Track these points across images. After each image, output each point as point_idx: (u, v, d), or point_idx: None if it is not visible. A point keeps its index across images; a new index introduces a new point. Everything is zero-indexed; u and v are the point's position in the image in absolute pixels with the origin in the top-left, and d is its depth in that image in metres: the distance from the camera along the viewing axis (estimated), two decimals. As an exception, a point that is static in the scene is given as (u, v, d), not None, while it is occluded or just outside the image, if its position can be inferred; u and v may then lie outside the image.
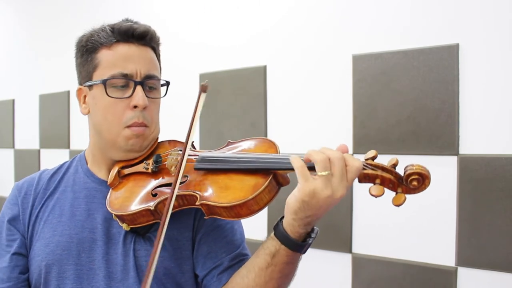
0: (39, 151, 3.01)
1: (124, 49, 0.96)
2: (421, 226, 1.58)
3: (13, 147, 3.22)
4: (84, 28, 1.03)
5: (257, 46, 2.00)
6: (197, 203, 0.86)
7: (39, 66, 3.05)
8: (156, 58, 1.02)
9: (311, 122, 1.85)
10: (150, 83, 0.98)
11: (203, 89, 0.88)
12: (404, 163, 0.82)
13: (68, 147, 2.82)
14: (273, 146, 0.91)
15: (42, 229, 0.98)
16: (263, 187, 0.82)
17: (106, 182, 1.01)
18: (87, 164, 1.06)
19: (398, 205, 0.77)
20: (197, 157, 0.94)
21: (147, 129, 0.98)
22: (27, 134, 3.09)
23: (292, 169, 0.80)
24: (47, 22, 3.00)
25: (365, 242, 1.71)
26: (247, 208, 0.83)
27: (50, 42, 2.96)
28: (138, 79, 0.95)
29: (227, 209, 0.83)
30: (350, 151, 1.73)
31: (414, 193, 0.79)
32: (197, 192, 0.87)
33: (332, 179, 0.76)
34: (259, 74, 1.98)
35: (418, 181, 0.77)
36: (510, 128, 1.44)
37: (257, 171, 0.85)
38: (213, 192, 0.86)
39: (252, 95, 2.00)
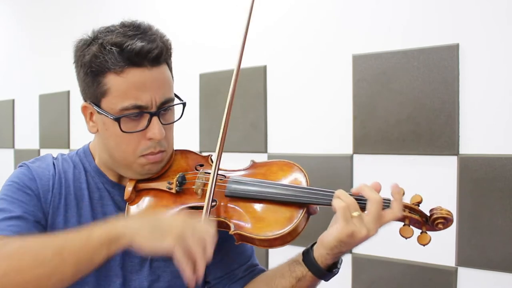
0: (39, 151, 3.01)
1: (137, 76, 0.86)
2: (421, 226, 1.58)
3: (13, 147, 3.22)
4: (84, 28, 0.96)
5: (257, 46, 2.00)
6: (230, 232, 0.87)
7: (39, 66, 3.05)
8: (169, 74, 0.94)
9: (311, 122, 1.85)
10: (165, 107, 0.91)
11: None
12: (405, 163, 0.84)
13: (68, 147, 2.82)
14: (301, 174, 0.93)
15: (63, 226, 0.92)
16: (297, 220, 0.85)
17: (118, 184, 0.98)
18: (94, 161, 0.99)
19: (424, 245, 0.84)
20: (227, 181, 0.92)
21: (163, 154, 0.94)
22: (27, 134, 3.09)
23: (325, 205, 0.84)
24: (47, 22, 3.00)
25: (365, 242, 1.71)
26: (282, 240, 0.85)
27: (50, 42, 2.96)
28: (154, 109, 0.88)
29: (262, 241, 0.86)
30: (350, 151, 1.73)
31: (436, 231, 0.85)
32: (231, 221, 0.88)
33: (366, 218, 0.81)
34: (259, 74, 1.98)
35: (443, 224, 0.83)
36: (510, 128, 1.44)
37: (291, 203, 0.87)
38: (247, 223, 0.87)
39: (252, 95, 2.00)
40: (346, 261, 1.74)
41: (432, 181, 1.55)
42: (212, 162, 0.99)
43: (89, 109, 0.94)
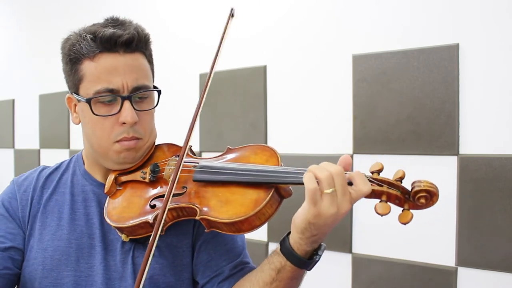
0: (39, 151, 3.01)
1: (108, 61, 0.89)
2: (421, 226, 1.58)
3: (13, 147, 3.22)
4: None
5: (257, 46, 2.00)
6: (197, 217, 0.84)
7: (39, 66, 3.05)
8: (145, 63, 0.95)
9: (311, 122, 1.85)
10: (139, 95, 0.92)
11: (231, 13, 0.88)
12: (405, 163, 0.81)
13: (68, 147, 2.82)
14: (274, 155, 0.89)
15: (40, 231, 0.96)
16: (264, 202, 0.80)
17: (103, 184, 0.98)
18: (84, 165, 1.03)
19: (405, 223, 0.75)
20: (196, 165, 0.91)
21: (139, 141, 0.94)
22: (27, 134, 3.09)
23: (296, 183, 0.79)
24: (47, 22, 3.00)
25: (365, 242, 1.71)
26: (249, 224, 0.81)
27: (50, 42, 2.95)
28: (125, 93, 0.90)
29: (228, 225, 0.81)
30: (350, 151, 1.73)
31: (421, 209, 0.76)
32: (197, 206, 0.85)
33: (339, 196, 0.74)
34: (259, 74, 1.98)
35: (426, 198, 0.74)
36: (510, 128, 1.44)
37: (259, 184, 0.82)
38: (213, 207, 0.84)
39: (252, 95, 2.00)
40: (346, 261, 1.74)
41: (432, 181, 1.55)
42: (192, 152, 0.99)
43: (73, 100, 0.98)
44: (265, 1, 1.98)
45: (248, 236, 1.05)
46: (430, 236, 1.57)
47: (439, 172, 1.54)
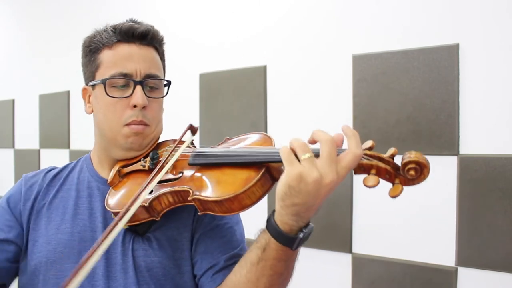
0: (39, 151, 3.01)
1: (125, 49, 0.97)
2: (421, 226, 1.58)
3: (13, 147, 3.22)
4: (83, 28, 1.04)
5: (257, 46, 2.00)
6: (189, 198, 0.85)
7: (39, 66, 3.05)
8: (158, 58, 1.02)
9: (311, 122, 1.85)
10: (150, 83, 0.98)
11: (192, 130, 0.92)
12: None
13: (68, 147, 2.82)
14: (268, 140, 0.90)
15: (46, 226, 0.99)
16: (254, 180, 0.80)
17: None
18: (92, 164, 1.07)
19: (394, 196, 0.73)
20: (191, 153, 0.94)
21: (147, 128, 0.98)
22: (27, 134, 3.09)
23: (279, 161, 0.77)
24: (47, 23, 3.00)
25: (365, 242, 1.71)
26: (239, 203, 0.81)
27: (50, 43, 2.96)
28: (138, 79, 0.96)
29: (218, 204, 0.82)
30: (350, 151, 1.72)
31: (413, 184, 0.74)
32: (190, 188, 0.86)
33: (319, 162, 0.73)
34: (259, 74, 1.98)
35: (416, 170, 0.73)
36: (510, 128, 1.44)
37: (250, 164, 0.83)
38: (205, 187, 0.85)
39: (252, 95, 2.00)
40: (346, 261, 1.75)
41: (432, 181, 1.55)
42: (192, 144, 1.01)
43: (88, 91, 1.04)
44: (265, 1, 1.98)
45: (248, 235, 1.05)
46: (430, 236, 1.57)
47: (439, 172, 1.54)
